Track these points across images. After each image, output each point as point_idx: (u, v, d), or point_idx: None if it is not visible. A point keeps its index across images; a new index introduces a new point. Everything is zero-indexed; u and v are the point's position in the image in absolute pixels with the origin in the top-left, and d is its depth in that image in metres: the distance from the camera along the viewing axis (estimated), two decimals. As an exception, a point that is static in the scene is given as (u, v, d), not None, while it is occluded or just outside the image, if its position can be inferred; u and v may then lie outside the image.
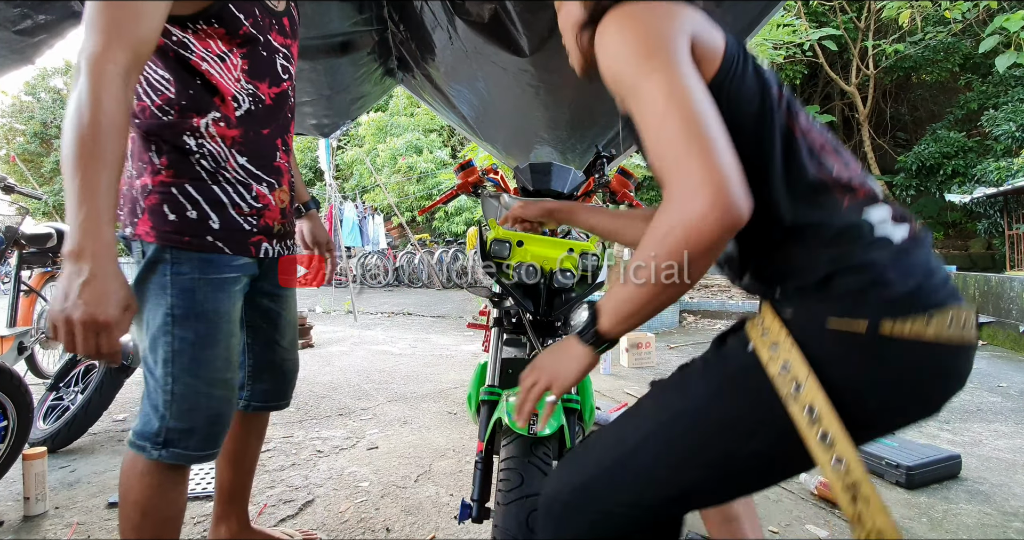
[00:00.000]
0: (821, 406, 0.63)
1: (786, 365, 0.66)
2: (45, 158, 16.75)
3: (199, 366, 1.00)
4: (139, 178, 0.99)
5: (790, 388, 0.65)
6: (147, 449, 0.99)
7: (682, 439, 0.72)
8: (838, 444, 0.63)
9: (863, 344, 0.65)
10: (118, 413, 2.63)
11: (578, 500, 0.76)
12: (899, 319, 0.64)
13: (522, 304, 1.34)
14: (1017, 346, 4.90)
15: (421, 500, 1.83)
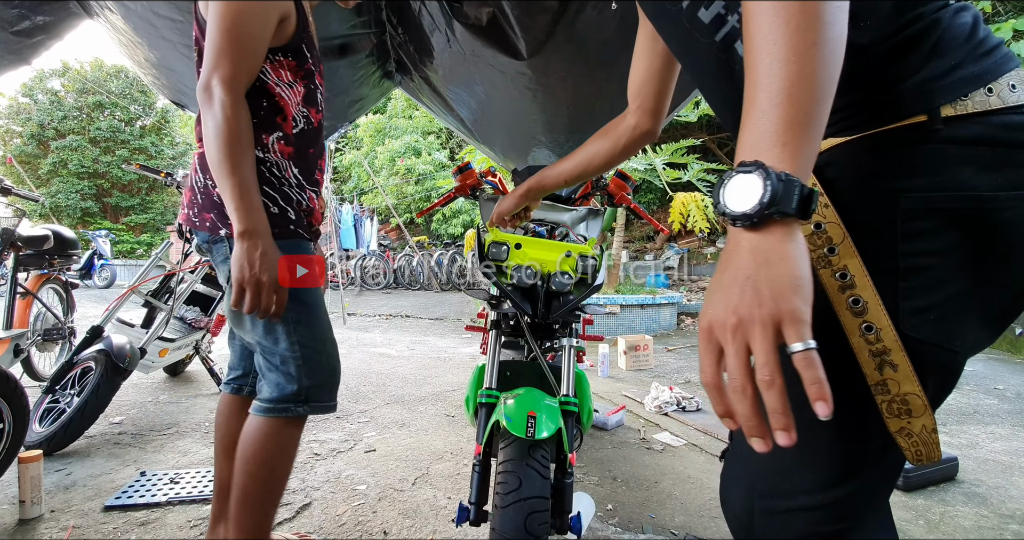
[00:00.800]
0: (856, 269, 0.58)
1: (820, 225, 0.60)
2: (42, 160, 16.68)
3: (314, 330, 1.17)
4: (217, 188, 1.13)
5: (823, 251, 0.60)
6: (291, 409, 1.14)
7: None
8: (871, 310, 0.57)
9: (926, 141, 0.57)
10: (114, 416, 2.62)
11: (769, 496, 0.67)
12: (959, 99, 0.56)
13: (520, 306, 1.34)
14: (1014, 349, 4.91)
15: (419, 503, 1.82)
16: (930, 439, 0.59)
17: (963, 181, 0.57)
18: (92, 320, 2.53)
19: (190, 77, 2.34)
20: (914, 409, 0.58)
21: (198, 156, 1.16)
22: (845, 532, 0.63)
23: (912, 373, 0.58)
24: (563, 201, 1.64)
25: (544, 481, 1.12)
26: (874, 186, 0.60)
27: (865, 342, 0.58)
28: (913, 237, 0.58)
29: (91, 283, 10.25)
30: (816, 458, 0.63)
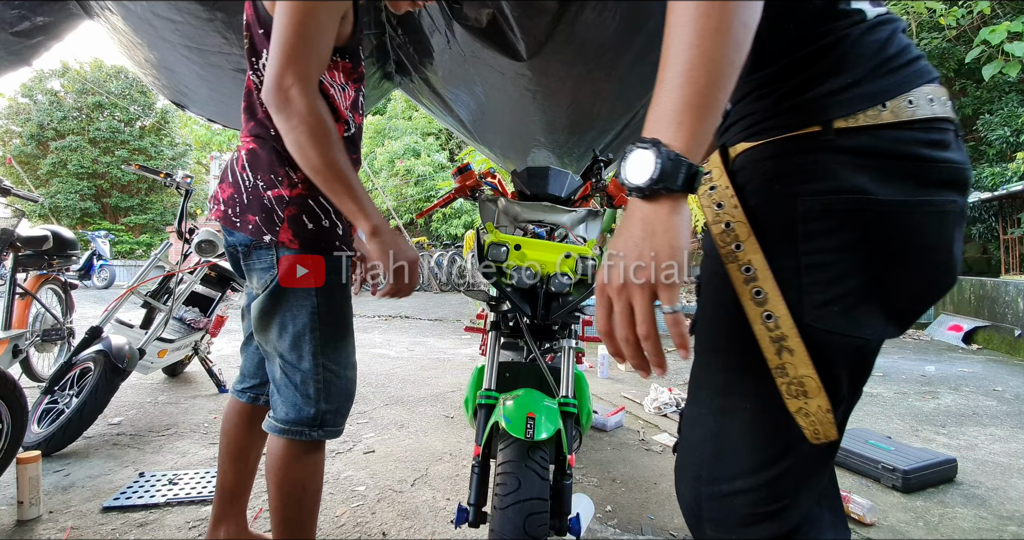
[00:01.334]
0: (759, 264, 0.64)
1: (729, 224, 0.67)
2: (41, 160, 16.66)
3: (340, 353, 1.15)
4: (272, 189, 1.09)
5: (731, 247, 0.67)
6: (305, 432, 1.12)
7: None
8: (771, 300, 0.64)
9: (821, 148, 0.63)
10: (113, 417, 2.62)
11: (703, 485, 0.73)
12: (851, 115, 0.62)
13: (520, 308, 1.34)
14: (1013, 350, 4.91)
15: (418, 504, 1.82)
16: (825, 419, 0.64)
17: (856, 186, 0.62)
18: (91, 321, 2.52)
19: (190, 77, 2.34)
20: (809, 390, 0.64)
21: (246, 151, 1.11)
22: (781, 512, 0.68)
23: (807, 357, 0.63)
24: (563, 202, 1.64)
25: (543, 482, 1.12)
26: (776, 190, 0.66)
27: (766, 329, 0.64)
28: (813, 237, 0.64)
29: (90, 283, 10.24)
30: (747, 443, 0.68)
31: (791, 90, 0.66)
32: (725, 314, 0.69)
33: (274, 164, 1.10)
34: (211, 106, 2.75)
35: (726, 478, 0.70)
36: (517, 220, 1.67)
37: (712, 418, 0.72)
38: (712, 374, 0.74)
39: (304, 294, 1.11)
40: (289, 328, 1.11)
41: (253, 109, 1.13)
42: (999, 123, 8.24)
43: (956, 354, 5.00)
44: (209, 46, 2.05)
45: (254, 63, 1.10)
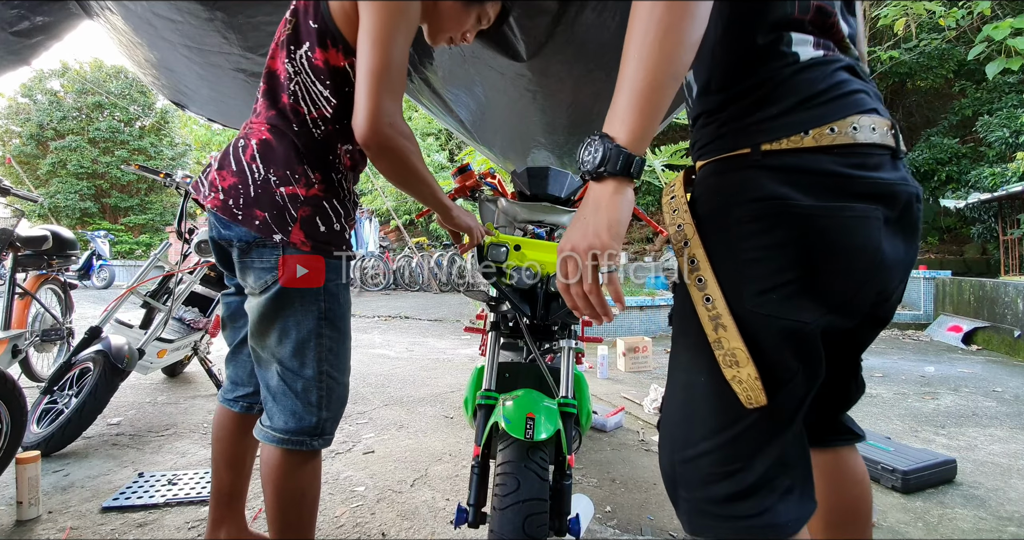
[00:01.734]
0: (700, 257, 0.78)
1: (680, 225, 0.81)
2: (41, 160, 16.66)
3: (340, 360, 1.13)
4: (286, 186, 1.05)
5: (681, 244, 0.80)
6: (306, 442, 1.09)
7: None
8: (709, 285, 0.77)
9: (752, 167, 0.76)
10: (112, 417, 2.62)
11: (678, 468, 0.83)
12: (776, 139, 0.75)
13: (519, 308, 1.34)
14: (1012, 351, 4.91)
15: (417, 505, 1.82)
16: (755, 385, 0.74)
17: (780, 194, 0.74)
18: (90, 321, 2.52)
19: (189, 77, 2.34)
20: (740, 360, 0.75)
21: (258, 141, 1.07)
22: (736, 472, 0.78)
23: (737, 333, 0.75)
24: (563, 203, 1.64)
25: (543, 483, 1.12)
26: (718, 200, 0.79)
27: (706, 309, 0.77)
28: (746, 237, 0.76)
29: (90, 284, 10.24)
30: (706, 410, 0.80)
31: (729, 118, 0.79)
32: (684, 303, 0.83)
33: (292, 160, 1.06)
34: (211, 106, 2.75)
35: (692, 442, 0.81)
36: (517, 220, 1.67)
37: (681, 393, 0.84)
38: (679, 354, 0.86)
39: (312, 298, 1.07)
40: (292, 334, 1.07)
41: (276, 97, 1.08)
42: (998, 124, 8.25)
43: (956, 355, 5.01)
44: (209, 46, 2.05)
45: (292, 51, 1.06)
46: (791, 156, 0.74)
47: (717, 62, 0.80)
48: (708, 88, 0.81)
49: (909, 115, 11.75)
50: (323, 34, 1.02)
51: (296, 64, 1.06)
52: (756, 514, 0.77)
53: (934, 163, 9.31)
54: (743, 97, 0.78)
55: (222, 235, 1.10)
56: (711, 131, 0.81)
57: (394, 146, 0.98)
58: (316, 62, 1.04)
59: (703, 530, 0.80)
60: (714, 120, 0.80)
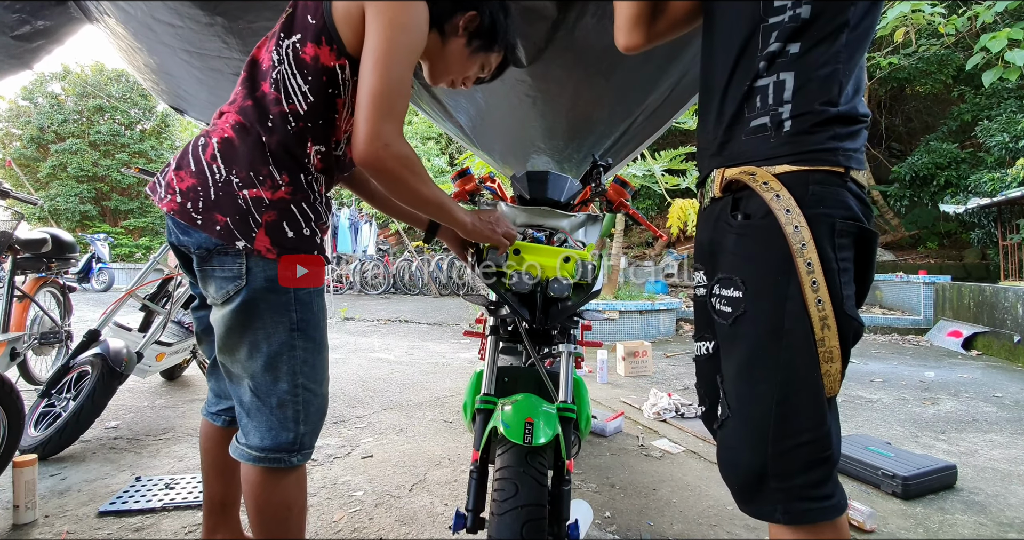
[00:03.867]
0: (815, 261, 0.87)
1: (797, 227, 0.88)
2: (41, 163, 16.66)
3: (317, 372, 1.07)
4: (249, 188, 0.99)
5: (799, 245, 0.87)
6: (284, 459, 1.03)
7: None
8: (821, 289, 0.87)
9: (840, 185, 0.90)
10: (110, 420, 2.61)
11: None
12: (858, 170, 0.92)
13: (518, 312, 1.34)
14: (1012, 356, 4.91)
15: (415, 510, 1.81)
16: (838, 378, 0.89)
17: (857, 216, 0.90)
18: (89, 323, 2.52)
19: (189, 82, 2.35)
20: (835, 357, 0.88)
21: (219, 139, 1.01)
22: (831, 457, 0.89)
23: (838, 333, 0.87)
24: (562, 207, 1.64)
25: (541, 488, 1.11)
26: (822, 210, 0.89)
27: (817, 310, 0.87)
28: (842, 248, 0.89)
29: (89, 286, 10.23)
30: (809, 405, 0.88)
31: (833, 137, 0.90)
32: (791, 303, 0.88)
33: (256, 160, 1.00)
34: (211, 111, 2.74)
35: (794, 433, 0.88)
36: (516, 224, 1.66)
37: (777, 389, 0.89)
38: (776, 353, 0.90)
39: (282, 308, 1.00)
40: (263, 347, 1.01)
41: (256, 84, 1.03)
42: (998, 129, 8.26)
43: (955, 360, 5.00)
44: (209, 51, 2.05)
45: (280, 38, 1.02)
46: (857, 185, 0.92)
47: (848, 88, 0.92)
48: (834, 102, 0.90)
49: (908, 120, 11.78)
50: (320, 31, 0.99)
51: (281, 52, 1.02)
52: (834, 493, 0.89)
53: (933, 168, 9.32)
54: (849, 124, 0.91)
55: (181, 241, 1.03)
56: (817, 140, 0.90)
57: (389, 168, 0.96)
58: (303, 55, 1.00)
59: (805, 515, 0.88)
60: (824, 131, 0.90)
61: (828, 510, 0.87)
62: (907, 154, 10.48)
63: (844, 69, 0.90)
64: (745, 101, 0.94)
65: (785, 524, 0.89)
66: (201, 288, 1.06)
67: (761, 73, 0.92)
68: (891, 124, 11.71)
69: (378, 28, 0.94)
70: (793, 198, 0.88)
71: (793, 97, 0.90)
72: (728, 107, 0.97)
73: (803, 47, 0.90)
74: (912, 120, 11.73)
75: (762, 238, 0.90)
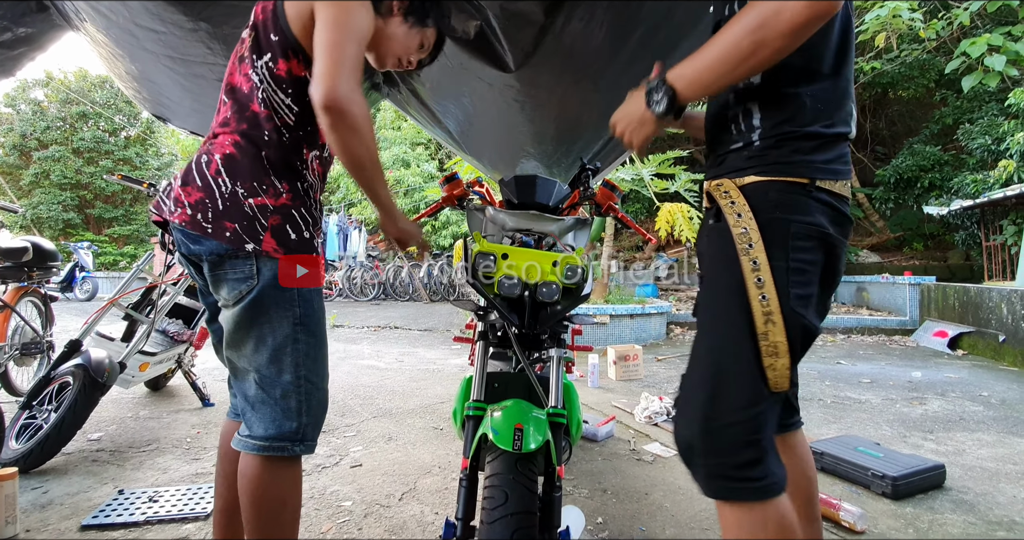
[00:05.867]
0: (762, 260, 0.92)
1: (746, 229, 0.94)
2: (23, 171, 16.41)
3: (318, 365, 1.14)
4: (254, 197, 1.08)
5: (746, 245, 0.93)
6: (288, 448, 1.09)
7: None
8: (767, 285, 0.92)
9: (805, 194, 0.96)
10: (93, 432, 2.56)
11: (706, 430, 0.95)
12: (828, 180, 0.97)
13: (507, 317, 1.33)
14: (997, 356, 4.97)
15: (405, 519, 1.79)
16: (785, 374, 0.93)
17: (822, 222, 0.96)
18: (72, 333, 2.47)
19: (172, 89, 2.32)
20: (780, 352, 0.92)
21: (222, 156, 1.09)
22: (759, 441, 0.92)
23: (784, 329, 0.92)
24: (550, 210, 1.64)
25: (531, 495, 1.10)
26: (777, 215, 0.95)
27: (760, 305, 0.92)
28: (798, 250, 0.94)
29: (72, 296, 10.08)
30: (739, 388, 0.94)
31: (796, 150, 0.96)
32: (731, 294, 0.95)
33: (258, 172, 1.09)
34: (194, 118, 2.72)
35: (723, 413, 0.93)
36: (505, 229, 1.66)
37: (713, 372, 0.96)
38: (716, 338, 0.98)
39: (286, 304, 1.09)
40: (268, 341, 1.08)
41: (244, 107, 1.10)
42: (979, 132, 8.41)
43: (942, 360, 5.06)
44: (193, 56, 2.03)
45: (253, 61, 1.10)
46: (829, 195, 0.97)
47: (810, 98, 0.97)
48: (798, 115, 0.96)
49: (892, 124, 11.96)
50: (284, 46, 1.07)
51: (259, 74, 1.09)
52: (764, 476, 0.91)
53: (917, 170, 9.46)
54: (817, 138, 0.96)
55: (192, 251, 1.10)
56: (780, 154, 0.96)
57: (352, 112, 0.98)
58: (278, 71, 1.08)
59: (723, 492, 0.93)
60: (788, 146, 0.96)
61: (751, 491, 0.91)
62: (891, 157, 10.62)
63: (808, 92, 0.96)
64: (723, 127, 1.04)
65: (707, 497, 0.96)
66: (213, 293, 1.13)
67: (731, 104, 1.02)
68: (875, 128, 11.87)
69: (324, 7, 1.02)
70: (749, 205, 0.95)
71: (760, 123, 0.98)
72: (713, 132, 1.09)
73: (763, 77, 0.98)
74: (896, 124, 11.91)
75: (715, 239, 0.98)
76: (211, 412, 2.97)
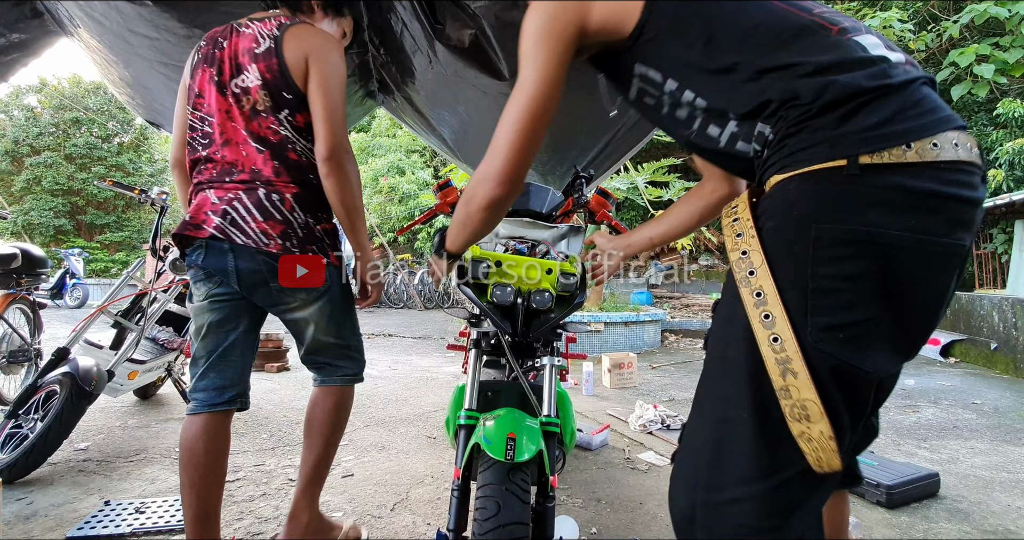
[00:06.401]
0: (769, 290, 0.69)
1: (746, 252, 0.73)
2: (15, 177, 16.30)
3: (358, 324, 1.64)
4: (319, 225, 1.44)
5: (745, 273, 0.72)
6: (360, 375, 1.61)
7: None
8: (778, 324, 0.68)
9: (848, 181, 0.67)
10: (80, 442, 2.52)
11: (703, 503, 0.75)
12: (876, 151, 0.66)
13: (500, 325, 1.32)
14: (989, 363, 5.00)
15: (397, 530, 1.76)
16: (828, 446, 0.65)
17: (870, 219, 0.66)
18: (61, 341, 2.44)
19: (165, 95, 2.32)
20: (812, 415, 0.65)
21: (292, 194, 1.38)
22: (772, 529, 0.69)
23: (810, 381, 0.65)
24: (544, 218, 1.64)
25: (524, 505, 1.09)
26: (792, 215, 0.70)
27: (772, 351, 0.68)
28: (823, 262, 0.67)
29: (62, 303, 9.98)
30: (745, 453, 0.71)
31: (823, 125, 0.70)
32: (737, 330, 0.73)
33: (319, 205, 1.42)
34: (189, 123, 2.71)
35: (723, 486, 0.72)
36: (498, 236, 1.65)
37: (714, 426, 0.75)
38: (718, 384, 0.78)
39: (348, 289, 1.54)
40: (344, 313, 1.53)
41: (285, 157, 1.37)
42: (968, 142, 8.51)
43: (935, 367, 5.08)
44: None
45: (275, 115, 1.36)
46: (891, 173, 0.66)
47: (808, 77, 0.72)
48: (794, 100, 0.72)
49: (882, 134, 12.08)
50: (297, 102, 1.36)
51: (284, 128, 1.37)
52: None
53: (907, 180, 9.57)
54: (843, 103, 0.69)
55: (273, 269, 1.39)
56: (801, 139, 0.71)
57: (346, 167, 1.37)
58: (298, 123, 1.38)
59: None
60: (806, 127, 0.71)
61: None
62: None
63: (782, 76, 0.74)
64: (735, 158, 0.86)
65: None
66: (278, 300, 1.41)
67: (724, 144, 0.85)
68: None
69: (316, 70, 1.35)
70: (755, 215, 0.75)
71: (770, 130, 0.78)
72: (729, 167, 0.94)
73: (708, 102, 0.80)
74: (886, 133, 12.03)
75: (735, 270, 0.78)
76: (201, 421, 2.93)
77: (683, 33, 0.79)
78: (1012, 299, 4.87)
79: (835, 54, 0.73)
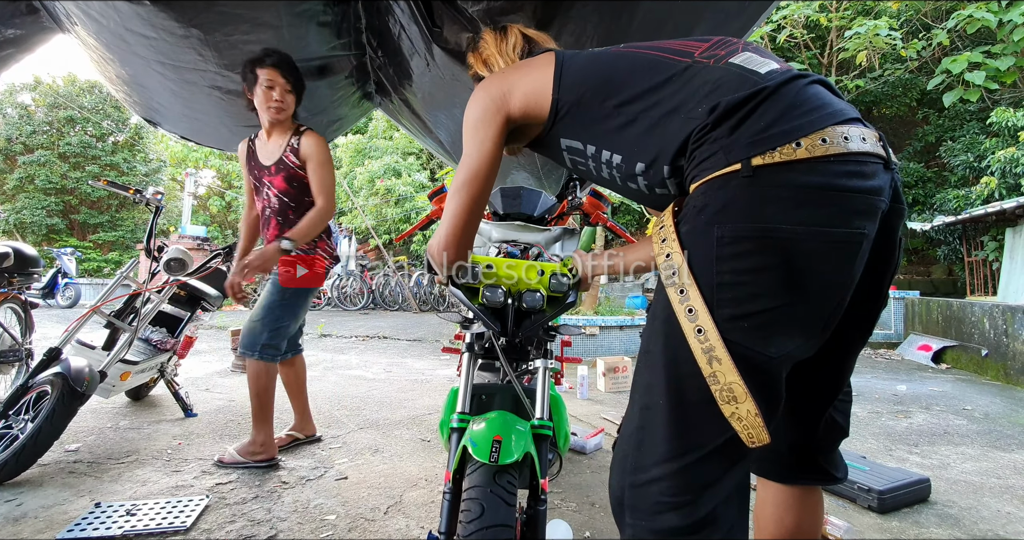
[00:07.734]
0: (689, 286, 0.77)
1: (669, 254, 0.80)
2: (8, 175, 16.19)
3: None
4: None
5: (669, 272, 0.80)
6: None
7: None
8: (701, 315, 0.75)
9: (745, 183, 0.74)
10: (70, 443, 2.50)
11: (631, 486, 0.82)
12: (767, 151, 0.73)
13: (491, 326, 1.32)
14: (980, 369, 5.03)
15: (391, 533, 1.76)
16: (756, 422, 0.72)
17: (766, 216, 0.73)
18: (52, 341, 2.42)
19: (163, 94, 2.31)
20: (738, 396, 0.72)
21: (324, 230, 2.29)
22: (685, 505, 0.76)
23: (733, 366, 0.72)
24: (536, 221, 1.64)
25: (509, 508, 1.08)
26: (700, 219, 0.78)
27: (698, 341, 0.75)
28: (725, 259, 0.75)
29: (55, 302, 9.90)
30: (661, 435, 0.78)
31: (719, 136, 0.78)
32: (658, 324, 0.83)
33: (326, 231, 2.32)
34: (184, 123, 2.70)
35: (645, 467, 0.79)
36: (491, 240, 1.66)
37: (639, 414, 0.83)
38: (641, 374, 0.86)
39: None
40: None
41: (302, 201, 2.26)
42: (961, 149, 8.59)
43: (926, 373, 5.11)
44: (184, 63, 2.02)
45: (290, 179, 2.23)
46: (783, 171, 0.72)
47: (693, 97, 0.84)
48: (690, 125, 0.82)
49: (876, 140, 12.17)
50: (301, 169, 2.22)
51: (298, 182, 2.24)
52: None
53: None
54: (731, 115, 0.77)
55: None
56: (703, 151, 0.79)
57: (330, 215, 2.21)
58: (305, 181, 2.23)
59: None
60: (704, 141, 0.79)
61: None
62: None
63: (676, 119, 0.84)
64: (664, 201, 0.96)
65: None
66: None
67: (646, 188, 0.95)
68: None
69: (314, 166, 2.22)
70: (675, 223, 0.82)
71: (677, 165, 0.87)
72: None
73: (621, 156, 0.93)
74: (879, 140, 12.12)
75: (662, 272, 0.85)
76: (193, 423, 2.91)
77: (587, 105, 0.94)
78: (1003, 306, 4.91)
79: (714, 83, 0.82)
